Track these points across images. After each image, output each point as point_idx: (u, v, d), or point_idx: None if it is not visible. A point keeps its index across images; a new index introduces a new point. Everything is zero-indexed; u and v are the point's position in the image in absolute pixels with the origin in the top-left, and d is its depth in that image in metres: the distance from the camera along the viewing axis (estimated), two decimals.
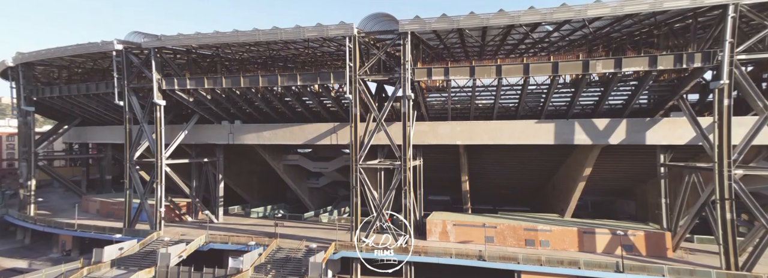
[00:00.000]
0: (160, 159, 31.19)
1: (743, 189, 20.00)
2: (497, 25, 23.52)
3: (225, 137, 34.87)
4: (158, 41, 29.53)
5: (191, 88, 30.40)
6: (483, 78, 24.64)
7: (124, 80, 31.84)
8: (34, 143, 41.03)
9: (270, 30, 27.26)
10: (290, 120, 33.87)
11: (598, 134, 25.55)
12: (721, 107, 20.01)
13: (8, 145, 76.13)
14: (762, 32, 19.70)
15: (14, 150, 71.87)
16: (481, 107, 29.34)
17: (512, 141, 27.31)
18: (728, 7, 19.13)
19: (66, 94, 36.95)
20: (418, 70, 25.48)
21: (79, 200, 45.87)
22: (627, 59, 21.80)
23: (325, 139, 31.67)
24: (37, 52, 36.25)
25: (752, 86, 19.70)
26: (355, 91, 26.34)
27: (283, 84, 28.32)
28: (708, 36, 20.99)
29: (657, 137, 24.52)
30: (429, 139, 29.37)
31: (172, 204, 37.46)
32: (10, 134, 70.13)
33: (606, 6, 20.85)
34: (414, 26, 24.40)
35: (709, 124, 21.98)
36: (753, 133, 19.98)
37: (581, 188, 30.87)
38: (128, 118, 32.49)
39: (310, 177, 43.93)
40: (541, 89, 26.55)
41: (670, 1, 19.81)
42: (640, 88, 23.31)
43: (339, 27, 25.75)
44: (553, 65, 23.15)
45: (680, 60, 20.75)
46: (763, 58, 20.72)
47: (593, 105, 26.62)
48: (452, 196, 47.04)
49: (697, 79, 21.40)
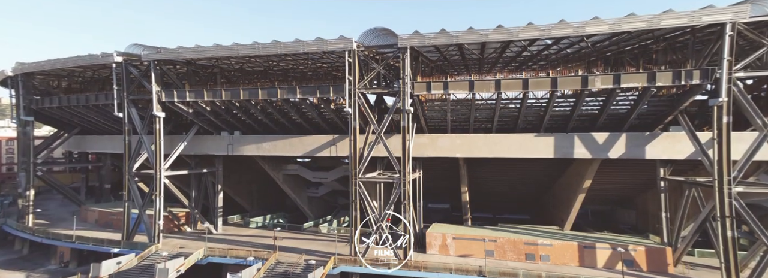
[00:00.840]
0: (159, 172, 31.13)
1: (744, 206, 19.95)
2: (496, 41, 23.59)
3: (224, 148, 34.82)
4: (158, 54, 29.59)
5: (191, 100, 30.41)
6: (482, 92, 24.62)
7: (124, 92, 31.86)
8: (33, 153, 40.93)
9: (270, 43, 27.33)
10: (289, 131, 33.87)
11: (598, 148, 25.54)
12: (721, 124, 20.01)
13: (8, 150, 76.06)
14: (759, 51, 19.76)
15: (13, 154, 71.88)
16: (481, 119, 29.31)
17: (511, 154, 27.30)
18: (726, 26, 19.20)
19: (65, 105, 36.96)
20: (417, 84, 25.52)
21: (78, 208, 45.80)
22: (625, 75, 21.85)
23: (324, 150, 31.64)
24: (37, 63, 36.32)
25: (751, 104, 19.71)
26: (354, 105, 26.35)
27: (282, 97, 28.34)
28: (706, 52, 21.04)
29: (656, 151, 24.51)
30: (428, 151, 29.35)
31: (171, 214, 37.32)
32: (10, 138, 70.09)
33: (604, 23, 20.94)
34: (413, 41, 24.47)
35: (708, 139, 21.98)
36: (753, 150, 19.97)
37: (581, 200, 30.82)
38: (127, 129, 32.46)
39: (310, 187, 43.82)
40: (540, 103, 26.55)
41: (667, 19, 19.88)
42: (639, 102, 23.32)
43: (338, 41, 25.82)
44: (551, 80, 23.19)
45: (679, 77, 20.79)
46: (761, 75, 20.76)
47: (593, 116, 26.53)
48: (452, 204, 47.00)
49: (697, 94, 21.40)
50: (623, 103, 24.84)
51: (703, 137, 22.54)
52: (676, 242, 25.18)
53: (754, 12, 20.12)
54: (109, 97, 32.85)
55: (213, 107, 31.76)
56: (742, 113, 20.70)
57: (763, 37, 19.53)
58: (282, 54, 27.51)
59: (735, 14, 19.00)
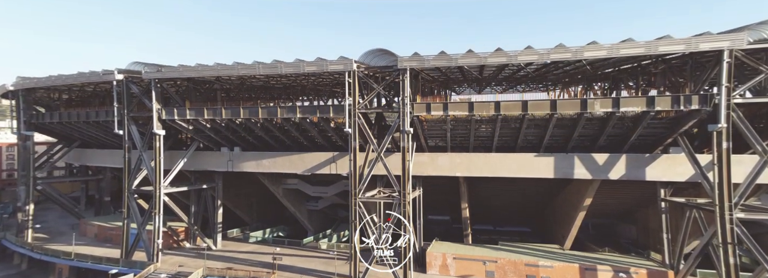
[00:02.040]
0: (159, 189, 31.10)
1: (746, 232, 19.88)
2: (494, 64, 23.70)
3: (224, 164, 34.82)
4: (159, 73, 29.74)
5: (191, 118, 30.48)
6: (482, 113, 24.65)
7: (124, 109, 31.95)
8: (32, 167, 40.95)
9: (270, 64, 27.48)
10: (290, 147, 33.89)
11: (598, 169, 25.52)
12: (720, 149, 20.02)
13: (8, 156, 76.12)
14: (757, 77, 19.83)
15: (14, 161, 71.86)
16: (481, 137, 29.32)
17: (511, 173, 27.27)
18: (723, 53, 19.29)
19: (66, 121, 37.06)
20: (417, 105, 25.58)
21: (78, 221, 45.67)
22: (625, 99, 21.92)
23: (324, 168, 31.63)
24: (38, 79, 36.50)
25: (750, 130, 19.72)
26: (354, 125, 26.40)
27: (282, 116, 28.42)
28: (705, 76, 21.11)
29: (657, 173, 24.48)
30: (428, 170, 29.33)
31: (170, 230, 37.20)
32: (10, 145, 70.06)
33: (602, 48, 21.05)
34: (412, 63, 24.59)
35: (708, 162, 22.00)
36: (753, 175, 19.96)
37: (581, 217, 30.75)
38: (127, 146, 32.50)
39: (310, 200, 43.71)
40: (540, 123, 26.52)
41: (665, 45, 19.99)
42: (638, 125, 23.33)
43: (339, 62, 25.95)
44: (551, 103, 23.26)
45: (678, 101, 20.84)
46: (760, 101, 20.81)
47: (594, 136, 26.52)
48: (452, 216, 46.87)
49: (696, 119, 21.42)
50: (622, 127, 24.81)
51: (703, 159, 22.54)
52: (678, 263, 25.05)
53: (753, 36, 20.25)
54: (109, 114, 32.94)
55: (213, 124, 31.83)
56: (741, 134, 20.71)
57: (760, 64, 19.61)
58: (282, 74, 27.62)
59: (732, 42, 19.10)
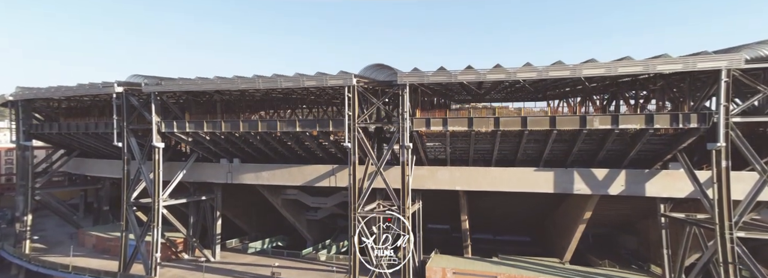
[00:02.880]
0: (158, 202, 31.01)
1: (746, 252, 19.85)
2: (493, 80, 23.79)
3: (223, 176, 34.78)
4: (159, 86, 29.78)
5: (190, 131, 30.49)
6: (481, 128, 24.69)
7: (124, 122, 31.95)
8: (31, 177, 40.84)
9: (270, 77, 27.56)
10: (289, 159, 33.86)
11: (598, 184, 25.52)
12: (720, 168, 20.05)
13: (7, 160, 75.92)
14: (755, 97, 19.92)
15: (13, 165, 71.65)
16: (480, 150, 29.33)
17: (511, 188, 27.27)
18: (721, 72, 19.40)
19: (65, 132, 37.05)
20: (416, 120, 25.63)
21: (76, 230, 45.46)
22: (623, 117, 21.97)
23: (323, 180, 31.59)
24: (38, 90, 36.55)
25: (749, 148, 19.77)
26: (353, 139, 26.42)
27: (282, 129, 28.43)
28: (703, 94, 21.20)
29: (656, 189, 24.48)
30: (428, 183, 29.31)
31: (169, 241, 37.01)
32: (9, 149, 69.86)
33: (600, 66, 21.15)
34: (412, 79, 24.68)
35: (707, 179, 22.02)
36: (753, 195, 19.97)
37: (581, 230, 30.71)
38: (127, 159, 32.46)
39: (309, 210, 43.57)
40: (539, 137, 26.55)
41: (662, 64, 20.09)
42: (637, 141, 23.37)
43: (338, 77, 26.03)
44: (550, 119, 23.30)
45: (676, 120, 20.90)
46: (758, 121, 20.88)
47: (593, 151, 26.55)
48: (452, 225, 46.76)
49: (694, 136, 21.47)
50: (621, 142, 24.86)
51: (703, 176, 22.54)
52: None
53: (750, 54, 20.37)
54: (108, 126, 32.94)
55: (212, 137, 31.81)
56: (740, 152, 20.74)
57: (758, 84, 19.71)
58: (282, 88, 27.70)
59: (729, 61, 19.21)
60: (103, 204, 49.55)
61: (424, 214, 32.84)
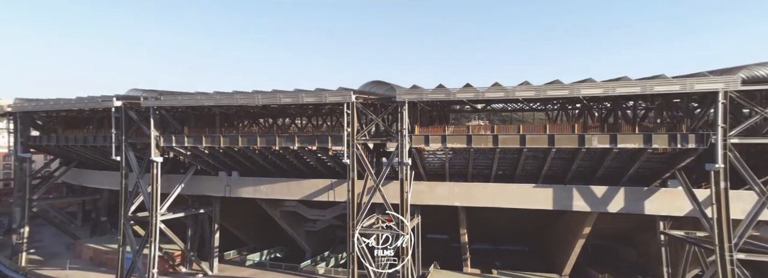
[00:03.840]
0: (156, 217, 30.86)
1: (746, 275, 19.77)
2: (492, 98, 23.85)
3: (222, 190, 34.66)
4: (158, 101, 29.78)
5: (189, 146, 30.44)
6: (479, 146, 24.70)
7: (122, 135, 31.90)
8: (28, 189, 40.67)
9: (269, 93, 27.60)
10: (287, 173, 33.78)
11: (597, 201, 25.49)
12: (718, 189, 20.05)
13: (5, 165, 75.55)
14: (752, 119, 19.99)
15: (11, 171, 71.27)
16: (479, 166, 29.33)
17: (510, 204, 27.23)
18: (718, 94, 19.48)
19: (63, 144, 36.96)
20: (415, 137, 25.63)
21: (74, 241, 45.14)
22: (622, 136, 21.98)
23: (322, 195, 31.51)
24: (37, 103, 36.58)
25: (747, 170, 19.78)
26: (352, 156, 26.39)
27: (281, 145, 28.39)
28: (701, 114, 21.27)
29: (655, 207, 24.46)
30: (427, 199, 29.25)
31: (166, 255, 36.79)
32: (6, 155, 69.48)
33: (598, 87, 21.24)
34: (411, 96, 24.74)
35: (706, 197, 22.01)
36: (752, 216, 19.95)
37: (581, 244, 30.67)
38: (125, 173, 32.35)
39: (307, 221, 43.41)
40: (538, 154, 26.56)
41: (659, 86, 20.18)
42: (636, 159, 23.38)
43: (337, 94, 26.08)
44: (548, 138, 23.32)
45: (674, 140, 20.94)
46: (757, 142, 20.93)
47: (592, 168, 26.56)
48: (451, 235, 46.66)
49: (693, 156, 21.49)
50: (620, 159, 24.86)
51: (701, 195, 22.54)
52: None
53: (747, 74, 20.48)
54: (107, 139, 32.88)
55: (211, 151, 31.76)
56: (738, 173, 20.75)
57: (755, 106, 19.79)
58: (281, 104, 27.72)
59: (726, 83, 19.30)
60: (101, 214, 49.31)
61: (422, 224, 32.74)
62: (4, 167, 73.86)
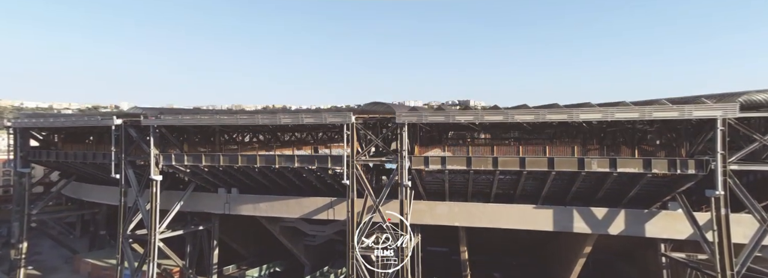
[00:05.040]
0: (154, 236, 30.75)
1: None
2: (491, 121, 23.91)
3: (221, 207, 34.57)
4: (158, 120, 29.85)
5: (189, 165, 30.44)
6: (479, 167, 24.70)
7: (122, 153, 31.91)
8: (27, 204, 40.58)
9: (269, 114, 27.70)
10: (286, 190, 33.72)
11: (597, 223, 25.40)
12: (719, 215, 19.99)
13: (5, 172, 75.40)
14: (751, 146, 20.01)
15: (10, 177, 71.11)
16: (479, 184, 29.27)
17: (510, 225, 27.15)
18: (717, 121, 19.52)
19: (63, 160, 36.95)
20: (415, 158, 25.65)
21: (72, 255, 44.94)
22: (621, 160, 21.99)
23: (321, 213, 31.42)
24: (37, 119, 36.76)
25: (748, 197, 19.75)
26: (352, 176, 26.39)
27: (280, 164, 28.40)
28: (700, 139, 21.28)
29: (656, 230, 24.37)
30: (426, 218, 29.16)
31: (164, 272, 36.61)
32: (4, 161, 69.32)
33: (597, 111, 21.30)
34: (411, 118, 24.80)
35: (706, 221, 21.96)
36: (753, 245, 19.85)
37: (581, 264, 30.54)
38: (124, 191, 32.31)
39: (307, 235, 43.24)
40: (538, 176, 26.55)
41: (658, 112, 20.23)
42: (636, 182, 23.36)
43: (337, 115, 26.16)
44: (548, 160, 23.32)
45: (674, 165, 20.94)
46: (757, 169, 20.93)
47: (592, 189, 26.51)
48: (451, 248, 46.49)
49: (693, 181, 21.47)
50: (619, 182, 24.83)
51: (702, 218, 22.47)
52: None
53: (746, 99, 20.54)
54: (107, 157, 32.88)
55: (211, 169, 31.74)
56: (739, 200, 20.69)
57: (754, 133, 19.83)
58: (281, 125, 27.79)
59: (724, 111, 19.35)
60: (100, 227, 49.12)
61: (423, 239, 32.51)
62: (3, 174, 73.74)
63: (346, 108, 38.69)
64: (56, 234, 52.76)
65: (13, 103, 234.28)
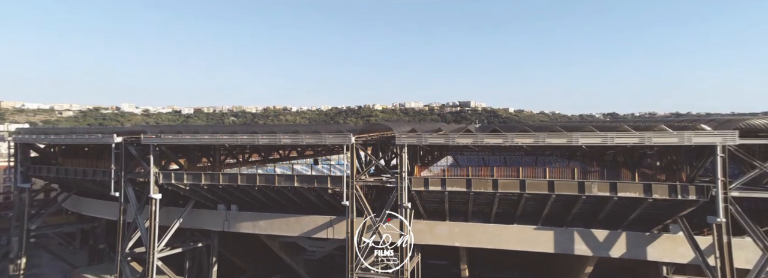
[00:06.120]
0: (153, 254, 30.60)
1: None
2: (491, 144, 23.91)
3: (220, 224, 34.44)
4: (158, 139, 29.92)
5: (188, 183, 30.41)
6: (479, 189, 24.63)
7: (122, 171, 31.92)
8: (27, 219, 40.52)
9: (269, 135, 27.73)
10: (286, 208, 33.62)
11: (598, 245, 25.24)
12: (721, 243, 19.86)
13: (5, 179, 75.37)
14: (752, 173, 19.96)
15: (10, 184, 71.01)
16: (480, 203, 29.14)
17: (510, 246, 27.00)
18: (716, 148, 19.50)
19: (63, 176, 36.97)
20: (415, 180, 25.61)
21: (70, 269, 44.63)
22: (622, 184, 21.93)
23: (321, 232, 31.26)
24: (37, 136, 36.80)
25: (750, 225, 19.64)
26: (352, 197, 26.34)
27: (280, 184, 28.39)
28: (700, 164, 21.24)
29: (658, 253, 24.19)
30: (427, 238, 29.01)
31: None
32: (5, 168, 69.21)
33: (596, 136, 21.31)
34: (411, 140, 24.83)
35: (708, 245, 21.81)
36: (756, 273, 19.67)
37: None
38: (123, 208, 32.26)
39: (307, 250, 43.03)
40: (538, 198, 26.44)
41: (658, 138, 20.23)
42: (636, 206, 23.25)
43: (337, 136, 26.19)
44: (548, 184, 23.28)
45: (675, 191, 20.86)
46: (758, 197, 20.84)
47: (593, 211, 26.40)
48: (451, 261, 46.20)
49: (694, 207, 21.37)
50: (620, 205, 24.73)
51: (704, 242, 22.32)
52: None
53: (746, 125, 20.51)
54: (106, 174, 32.91)
55: (210, 187, 31.69)
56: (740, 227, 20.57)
57: (754, 159, 19.79)
58: (281, 145, 27.81)
59: (724, 138, 19.34)
60: (99, 241, 48.89)
61: (423, 251, 32.28)
62: (4, 180, 73.73)
63: (346, 109, 38.82)
64: (56, 244, 52.53)
65: (15, 105, 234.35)
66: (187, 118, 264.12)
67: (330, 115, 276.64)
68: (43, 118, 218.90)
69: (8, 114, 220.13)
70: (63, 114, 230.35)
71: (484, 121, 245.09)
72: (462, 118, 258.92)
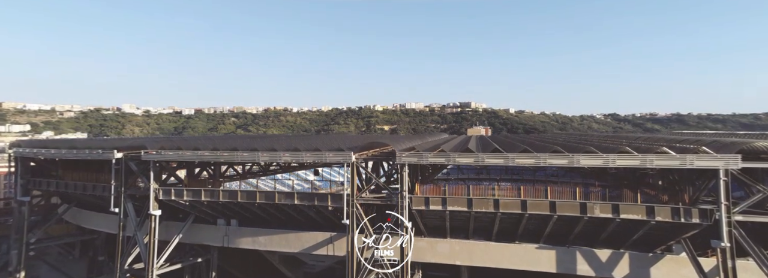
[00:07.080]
0: (151, 272, 30.39)
1: None
2: (492, 164, 23.79)
3: (220, 239, 34.24)
4: (159, 155, 29.88)
5: (188, 199, 30.31)
6: (480, 209, 24.47)
7: (122, 187, 31.84)
8: (26, 232, 40.36)
9: (270, 152, 27.68)
10: (286, 223, 33.46)
11: (601, 266, 24.97)
12: (726, 267, 19.63)
13: (5, 184, 75.23)
14: (755, 197, 19.80)
15: (10, 189, 70.82)
16: (481, 220, 28.95)
17: (512, 265, 26.73)
18: (719, 171, 19.37)
19: (63, 190, 36.90)
20: (415, 199, 25.49)
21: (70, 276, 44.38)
22: (624, 206, 21.78)
23: (321, 248, 31.03)
24: (37, 150, 36.74)
25: (754, 249, 19.44)
26: (352, 215, 26.18)
27: (280, 201, 28.29)
28: (702, 186, 21.09)
29: (661, 274, 23.88)
30: (427, 256, 28.77)
31: None
32: (5, 174, 69.01)
33: (598, 158, 21.19)
34: (412, 159, 24.75)
35: (713, 267, 21.56)
36: None
37: None
38: (122, 224, 32.12)
39: (306, 263, 42.75)
40: (539, 218, 26.25)
41: (660, 160, 20.11)
42: (639, 228, 23.06)
43: (337, 155, 26.13)
44: (550, 204, 23.13)
45: (678, 214, 20.69)
46: (762, 221, 20.66)
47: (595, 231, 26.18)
48: (451, 273, 45.85)
49: (696, 230, 21.18)
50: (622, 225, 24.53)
51: (707, 264, 22.06)
52: None
53: (748, 147, 20.38)
54: (106, 190, 32.82)
55: (210, 203, 31.57)
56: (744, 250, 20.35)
57: (757, 184, 19.64)
58: (282, 163, 27.73)
59: (726, 162, 19.21)
60: (99, 253, 48.64)
61: (423, 263, 31.97)
62: (4, 186, 73.58)
63: (346, 110, 38.57)
64: (55, 254, 52.22)
65: (16, 106, 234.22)
66: (187, 119, 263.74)
67: (330, 116, 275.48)
68: (44, 118, 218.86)
69: (9, 115, 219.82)
70: (64, 115, 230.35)
71: (484, 121, 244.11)
72: (462, 119, 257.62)
